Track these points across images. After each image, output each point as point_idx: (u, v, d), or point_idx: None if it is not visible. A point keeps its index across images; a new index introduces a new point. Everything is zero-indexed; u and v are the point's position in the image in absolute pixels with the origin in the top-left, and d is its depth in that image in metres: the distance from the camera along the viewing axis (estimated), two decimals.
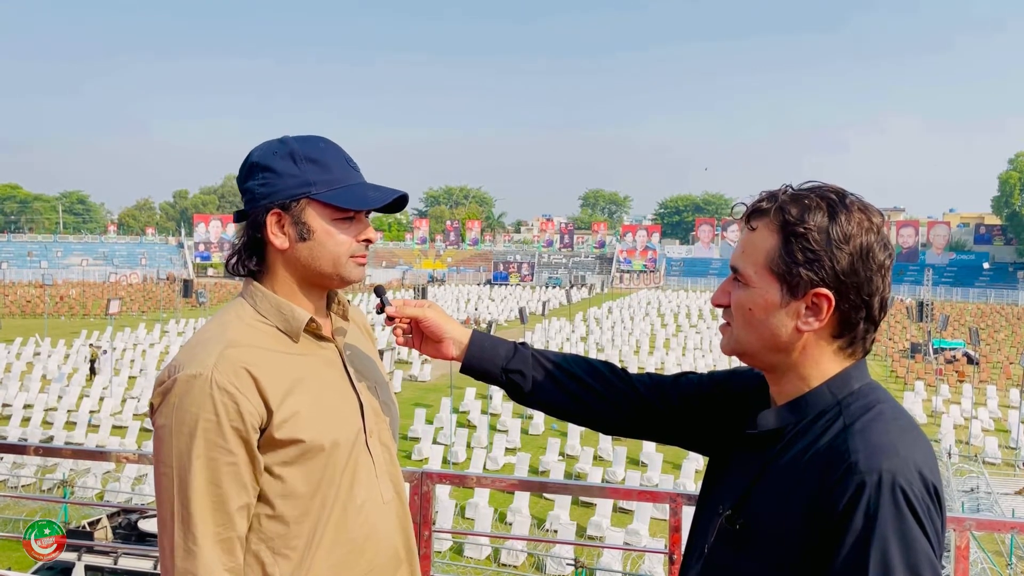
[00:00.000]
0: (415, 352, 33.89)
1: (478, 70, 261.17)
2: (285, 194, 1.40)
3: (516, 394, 1.49)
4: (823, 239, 1.11)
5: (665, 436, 1.48)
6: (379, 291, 1.55)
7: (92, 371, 27.52)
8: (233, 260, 1.47)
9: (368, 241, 1.48)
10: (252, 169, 1.44)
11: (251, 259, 1.45)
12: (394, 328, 1.52)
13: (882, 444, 1.05)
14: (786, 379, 1.19)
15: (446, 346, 1.50)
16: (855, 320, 1.14)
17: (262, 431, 1.34)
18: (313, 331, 1.46)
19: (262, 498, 1.36)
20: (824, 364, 1.16)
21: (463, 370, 1.51)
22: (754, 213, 1.19)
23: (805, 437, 1.13)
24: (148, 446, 18.44)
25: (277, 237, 1.42)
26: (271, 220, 1.41)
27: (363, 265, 1.48)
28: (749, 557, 1.14)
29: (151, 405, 1.36)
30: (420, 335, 1.52)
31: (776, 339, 1.17)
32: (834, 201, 1.13)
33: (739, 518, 1.16)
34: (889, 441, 1.06)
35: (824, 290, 1.12)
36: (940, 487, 1.06)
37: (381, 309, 1.51)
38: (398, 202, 1.48)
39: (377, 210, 1.49)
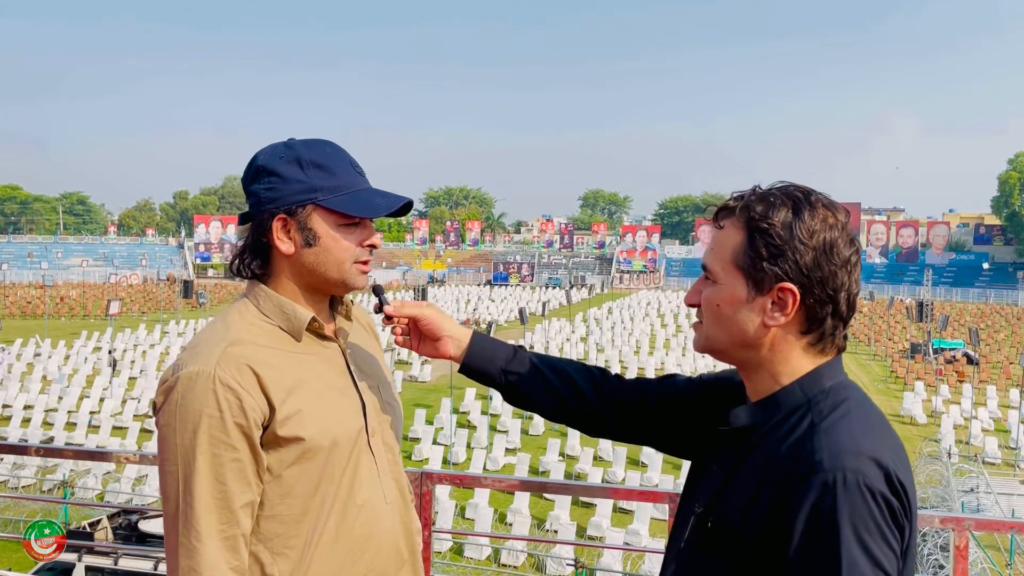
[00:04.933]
0: (415, 352, 33.82)
1: (478, 71, 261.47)
2: (291, 200, 1.40)
3: (511, 396, 1.50)
4: (787, 234, 1.12)
5: (651, 439, 1.48)
6: (377, 290, 1.55)
7: None
8: (237, 262, 1.47)
9: (373, 247, 1.48)
10: (258, 173, 1.43)
11: (256, 262, 1.45)
12: (393, 328, 1.52)
13: (846, 443, 1.05)
14: (758, 376, 1.19)
15: (444, 345, 1.50)
16: (822, 315, 1.13)
17: (264, 428, 1.34)
18: (316, 330, 1.46)
19: (262, 498, 1.35)
20: (794, 361, 1.16)
21: (462, 370, 1.51)
22: (722, 212, 1.20)
23: (774, 435, 1.13)
24: (148, 447, 18.47)
25: (283, 242, 1.42)
26: (277, 225, 1.41)
27: (367, 272, 1.48)
28: (719, 555, 1.14)
29: (154, 405, 1.36)
30: (418, 335, 1.52)
31: (744, 335, 1.17)
32: (799, 199, 1.14)
33: (710, 516, 1.16)
34: (854, 440, 1.05)
35: (789, 284, 1.12)
36: (908, 484, 1.05)
37: (379, 309, 1.51)
38: (403, 207, 1.48)
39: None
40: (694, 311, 1.26)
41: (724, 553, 1.13)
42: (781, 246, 1.12)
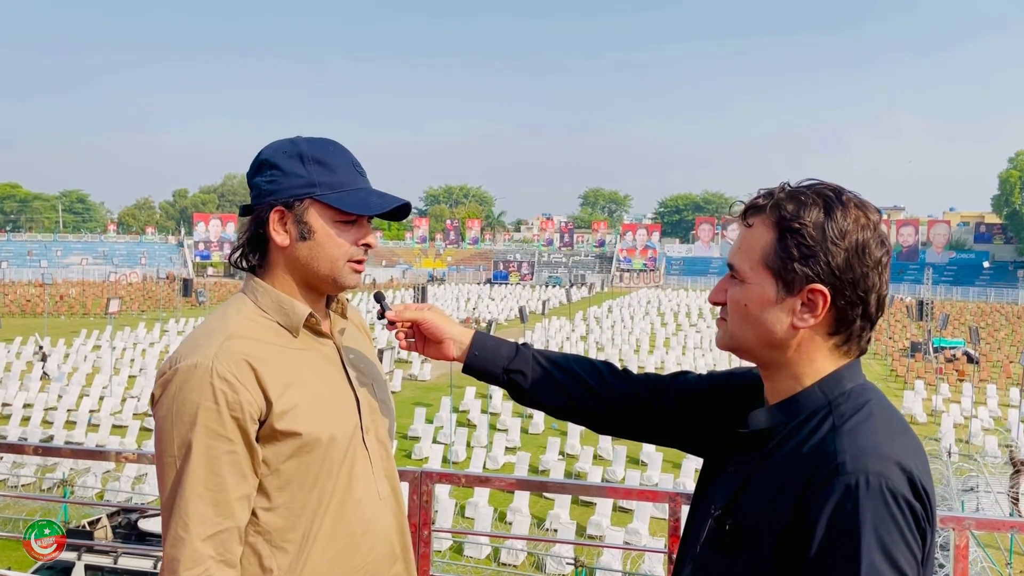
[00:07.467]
0: (420, 354, 34.04)
1: (478, 69, 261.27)
2: (289, 193, 1.43)
3: (516, 394, 1.50)
4: (819, 235, 1.10)
5: (662, 437, 1.47)
6: (379, 297, 1.58)
7: None
8: (236, 254, 1.49)
9: (367, 246, 1.49)
10: (261, 166, 1.47)
11: (253, 254, 1.48)
12: (396, 332, 1.53)
13: (870, 446, 1.04)
14: (780, 377, 1.18)
15: (447, 347, 1.51)
16: (851, 317, 1.13)
17: (261, 423, 1.35)
18: (312, 327, 1.48)
19: (260, 491, 1.37)
20: (818, 362, 1.15)
21: (465, 370, 1.52)
22: (751, 210, 1.18)
23: (795, 437, 1.12)
24: (148, 445, 18.47)
25: (279, 234, 1.44)
26: (274, 217, 1.44)
27: (359, 272, 1.50)
28: (738, 558, 1.13)
29: (152, 396, 1.38)
30: (422, 338, 1.53)
31: (771, 335, 1.15)
32: (830, 198, 1.12)
33: (728, 518, 1.15)
34: (877, 443, 1.05)
35: (820, 286, 1.10)
36: (930, 489, 1.05)
37: (382, 314, 1.52)
38: (401, 210, 1.49)
39: (380, 216, 1.51)
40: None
41: (743, 555, 1.12)
42: (813, 247, 1.10)
